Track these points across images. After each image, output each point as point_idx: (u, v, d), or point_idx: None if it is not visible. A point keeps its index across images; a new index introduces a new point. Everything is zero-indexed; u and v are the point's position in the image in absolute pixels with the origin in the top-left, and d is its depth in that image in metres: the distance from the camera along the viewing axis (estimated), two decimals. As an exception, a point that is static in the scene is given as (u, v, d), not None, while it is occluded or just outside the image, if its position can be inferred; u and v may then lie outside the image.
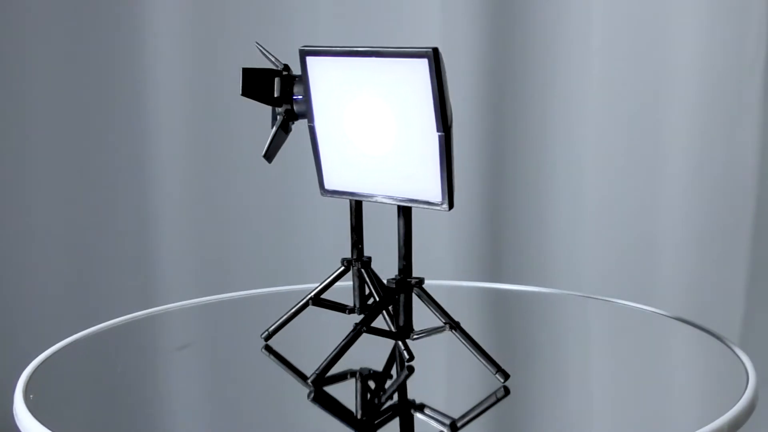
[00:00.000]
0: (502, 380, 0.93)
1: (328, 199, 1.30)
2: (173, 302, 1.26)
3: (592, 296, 1.27)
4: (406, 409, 0.91)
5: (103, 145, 1.87)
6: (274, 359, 1.03)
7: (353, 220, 1.00)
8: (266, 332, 1.04)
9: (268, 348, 1.03)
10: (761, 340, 1.75)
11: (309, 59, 0.91)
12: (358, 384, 0.95)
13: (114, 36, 1.84)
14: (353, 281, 1.01)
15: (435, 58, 0.83)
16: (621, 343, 1.15)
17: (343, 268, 1.01)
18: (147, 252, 1.89)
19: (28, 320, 1.88)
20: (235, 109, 1.85)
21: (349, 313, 1.02)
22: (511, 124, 1.80)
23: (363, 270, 0.99)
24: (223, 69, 1.84)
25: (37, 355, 1.02)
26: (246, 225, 1.88)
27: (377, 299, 0.97)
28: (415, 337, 0.95)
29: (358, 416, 0.90)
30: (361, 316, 0.97)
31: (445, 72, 0.85)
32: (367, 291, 1.01)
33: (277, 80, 0.95)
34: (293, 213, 1.86)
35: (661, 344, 1.15)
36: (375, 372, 0.98)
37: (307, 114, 0.94)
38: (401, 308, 0.95)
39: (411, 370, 0.95)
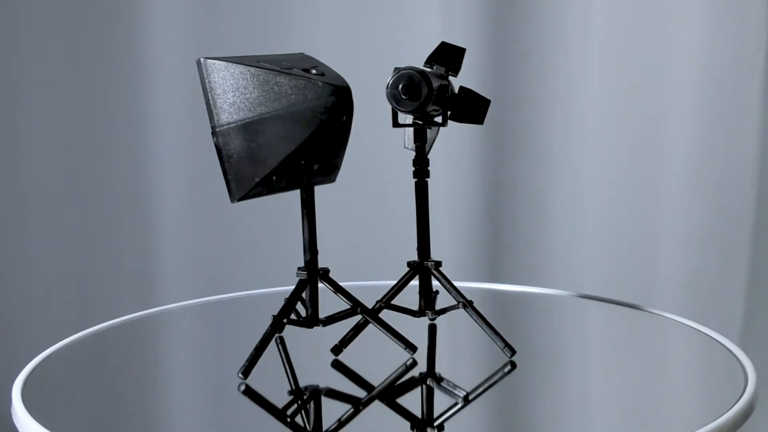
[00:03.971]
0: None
1: (328, 199, 1.31)
2: (173, 302, 1.26)
3: (592, 297, 1.27)
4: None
5: (103, 146, 1.87)
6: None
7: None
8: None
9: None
10: (761, 340, 1.75)
11: None
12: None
13: (114, 37, 1.84)
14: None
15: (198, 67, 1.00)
16: (621, 343, 1.15)
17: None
18: (147, 252, 1.88)
19: (27, 320, 1.88)
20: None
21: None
22: (511, 124, 1.80)
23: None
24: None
25: (36, 355, 1.02)
26: (246, 225, 1.88)
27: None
28: (324, 321, 1.00)
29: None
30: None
31: (214, 78, 1.00)
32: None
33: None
34: (293, 213, 1.85)
35: (661, 344, 1.15)
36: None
37: None
38: (308, 298, 1.01)
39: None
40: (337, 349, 1.01)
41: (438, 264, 1.04)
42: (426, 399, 0.95)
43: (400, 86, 0.95)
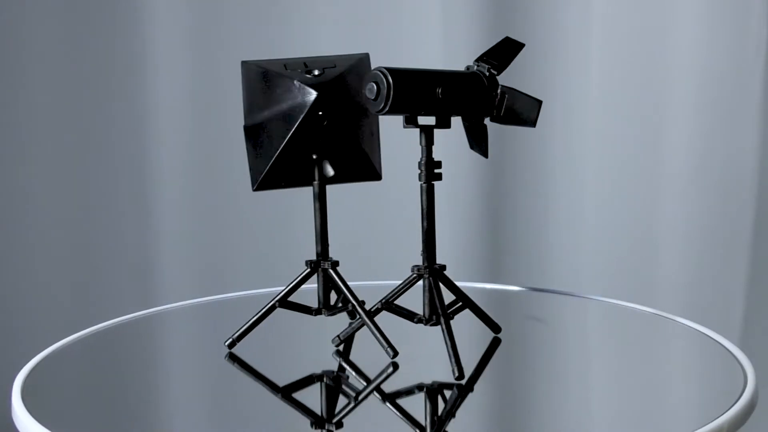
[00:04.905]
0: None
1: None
2: (173, 302, 1.26)
3: (591, 296, 1.27)
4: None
5: (103, 146, 1.87)
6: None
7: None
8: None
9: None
10: (761, 340, 1.75)
11: None
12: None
13: (114, 37, 1.84)
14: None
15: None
16: (621, 343, 1.15)
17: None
18: (147, 252, 1.88)
19: (28, 320, 1.88)
20: (235, 111, 1.85)
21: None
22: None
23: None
24: (223, 69, 1.84)
25: (36, 355, 1.02)
26: (245, 225, 1.88)
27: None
28: (327, 314, 1.04)
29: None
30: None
31: (251, 79, 1.04)
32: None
33: None
34: (294, 213, 1.85)
35: (661, 344, 1.15)
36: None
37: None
38: (321, 288, 1.05)
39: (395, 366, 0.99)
40: (338, 342, 1.03)
41: (437, 270, 1.02)
42: (419, 402, 0.95)
43: (366, 87, 0.95)
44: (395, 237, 1.83)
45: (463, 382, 0.95)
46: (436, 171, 1.00)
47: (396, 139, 1.49)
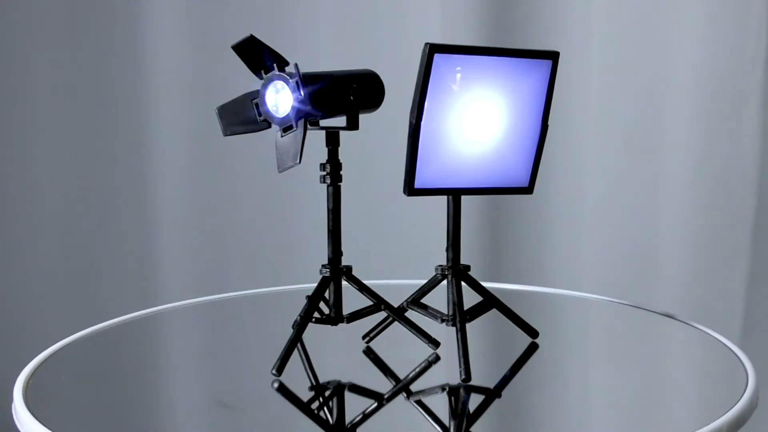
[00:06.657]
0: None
1: (325, 200, 1.31)
2: (173, 302, 1.26)
3: (592, 296, 1.27)
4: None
5: (103, 146, 1.87)
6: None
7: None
8: (368, 337, 1.03)
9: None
10: (761, 340, 1.75)
11: (437, 56, 0.95)
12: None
13: (115, 37, 1.84)
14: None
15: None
16: (621, 343, 1.15)
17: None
18: (147, 252, 1.89)
19: (28, 320, 1.88)
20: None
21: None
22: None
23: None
24: (223, 69, 1.84)
25: (36, 355, 1.02)
26: (246, 225, 1.88)
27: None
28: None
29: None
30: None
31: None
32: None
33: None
34: (293, 213, 1.85)
35: (662, 344, 1.15)
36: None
37: (412, 111, 0.94)
38: (453, 295, 1.00)
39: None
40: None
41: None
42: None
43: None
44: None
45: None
46: (340, 173, 1.01)
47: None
